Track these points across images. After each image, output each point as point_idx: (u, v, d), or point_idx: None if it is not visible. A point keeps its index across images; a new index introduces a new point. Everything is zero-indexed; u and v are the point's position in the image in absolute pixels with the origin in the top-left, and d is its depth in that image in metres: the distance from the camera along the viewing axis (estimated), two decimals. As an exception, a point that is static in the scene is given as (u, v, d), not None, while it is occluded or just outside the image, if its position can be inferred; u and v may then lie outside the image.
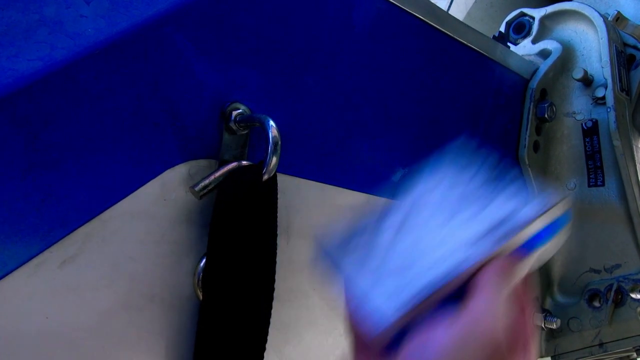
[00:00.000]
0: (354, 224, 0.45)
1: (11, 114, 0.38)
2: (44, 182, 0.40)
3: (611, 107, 0.89)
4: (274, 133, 0.49)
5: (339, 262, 0.43)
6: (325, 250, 0.44)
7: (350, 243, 0.44)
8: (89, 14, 0.43)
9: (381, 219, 0.45)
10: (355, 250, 0.43)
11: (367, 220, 0.45)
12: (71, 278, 0.43)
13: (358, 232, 0.44)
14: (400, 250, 0.42)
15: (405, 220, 0.44)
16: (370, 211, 0.45)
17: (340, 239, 0.45)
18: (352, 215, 0.45)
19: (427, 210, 0.44)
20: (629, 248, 0.90)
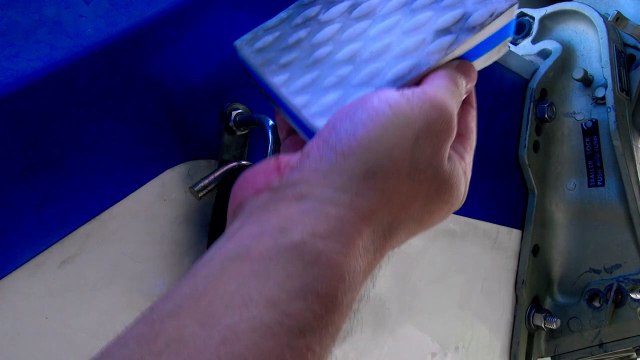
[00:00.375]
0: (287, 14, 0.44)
1: (11, 114, 0.38)
2: (44, 182, 0.40)
3: (611, 107, 0.89)
4: (274, 133, 0.49)
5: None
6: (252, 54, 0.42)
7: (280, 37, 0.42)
8: (88, 14, 0.43)
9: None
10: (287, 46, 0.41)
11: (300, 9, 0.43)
12: (71, 278, 0.43)
13: (289, 24, 0.43)
14: (341, 51, 0.40)
15: (346, 15, 0.42)
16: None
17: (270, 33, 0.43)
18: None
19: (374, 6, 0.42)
20: (629, 248, 0.90)
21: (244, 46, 0.42)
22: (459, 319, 0.82)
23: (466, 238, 0.82)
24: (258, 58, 0.41)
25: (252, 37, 0.43)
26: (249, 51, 0.42)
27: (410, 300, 0.73)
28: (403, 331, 0.72)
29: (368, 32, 0.40)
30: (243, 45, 0.42)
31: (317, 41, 0.40)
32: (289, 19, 0.43)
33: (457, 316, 0.82)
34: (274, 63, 0.40)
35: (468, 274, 0.83)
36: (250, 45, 0.42)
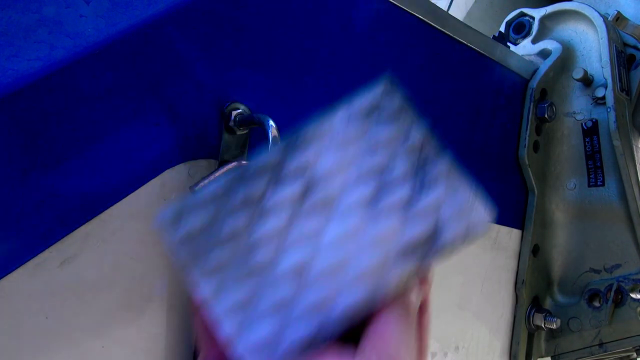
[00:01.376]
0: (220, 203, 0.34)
1: (11, 114, 0.38)
2: (44, 182, 0.40)
3: (611, 107, 0.89)
4: (274, 133, 0.49)
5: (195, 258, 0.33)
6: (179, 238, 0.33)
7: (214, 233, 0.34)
8: (88, 13, 0.43)
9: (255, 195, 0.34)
10: (220, 243, 0.33)
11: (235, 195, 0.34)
12: (71, 278, 0.43)
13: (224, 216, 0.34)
14: (284, 260, 0.33)
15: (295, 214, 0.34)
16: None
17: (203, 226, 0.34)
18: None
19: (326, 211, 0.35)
20: (629, 248, 0.90)
21: (167, 228, 0.34)
22: (459, 319, 0.82)
23: (466, 238, 0.81)
24: (183, 250, 0.33)
25: (176, 216, 0.34)
26: (172, 237, 0.33)
27: (410, 300, 0.73)
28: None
29: (321, 235, 0.33)
30: (166, 225, 0.34)
31: (257, 239, 0.33)
32: (226, 195, 0.34)
33: (457, 316, 0.82)
34: (201, 266, 0.32)
35: (468, 274, 0.83)
36: (174, 227, 0.33)
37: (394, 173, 0.35)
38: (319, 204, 0.34)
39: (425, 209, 0.34)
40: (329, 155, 0.35)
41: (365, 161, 0.35)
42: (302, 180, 0.34)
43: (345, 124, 0.36)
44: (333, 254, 0.33)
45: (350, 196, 0.34)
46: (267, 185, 0.34)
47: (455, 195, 0.34)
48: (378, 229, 0.33)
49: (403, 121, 0.37)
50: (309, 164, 0.35)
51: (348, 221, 0.33)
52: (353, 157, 0.35)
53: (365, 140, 0.36)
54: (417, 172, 0.35)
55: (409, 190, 0.34)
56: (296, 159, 0.35)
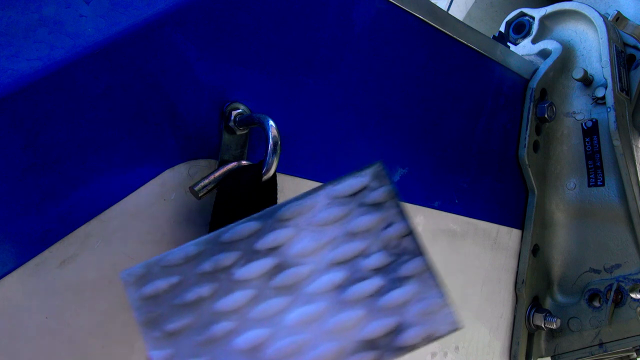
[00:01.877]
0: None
1: (11, 114, 0.38)
2: (44, 182, 0.40)
3: (611, 107, 0.89)
4: (274, 133, 0.49)
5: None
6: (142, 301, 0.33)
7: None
8: (88, 14, 0.43)
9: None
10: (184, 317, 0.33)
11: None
12: (71, 278, 0.43)
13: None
14: (243, 335, 0.32)
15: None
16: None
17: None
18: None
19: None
20: (629, 248, 0.90)
21: (132, 284, 0.33)
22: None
23: (466, 238, 0.82)
24: (144, 310, 0.33)
25: (144, 273, 0.34)
26: (135, 294, 0.33)
27: (410, 300, 0.73)
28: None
29: (284, 315, 0.33)
30: (131, 282, 0.33)
31: (220, 309, 0.32)
32: (196, 260, 0.34)
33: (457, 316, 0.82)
34: (160, 327, 0.32)
35: (468, 274, 0.83)
36: (139, 285, 0.33)
37: (367, 263, 0.35)
38: (287, 285, 0.34)
39: (392, 305, 0.34)
40: (304, 236, 0.35)
41: (341, 247, 0.35)
42: (274, 259, 0.35)
43: (326, 205, 0.36)
44: (292, 336, 0.33)
45: (319, 281, 0.34)
46: (238, 258, 0.34)
47: (426, 295, 0.34)
48: (340, 317, 0.33)
49: (387, 210, 0.36)
50: (283, 242, 0.35)
51: (312, 306, 0.33)
52: (329, 241, 0.35)
53: (344, 225, 0.36)
54: (391, 265, 0.35)
55: (379, 283, 0.34)
56: (271, 236, 0.35)
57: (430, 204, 0.75)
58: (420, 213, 0.73)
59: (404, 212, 0.36)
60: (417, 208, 0.73)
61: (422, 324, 0.33)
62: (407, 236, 0.35)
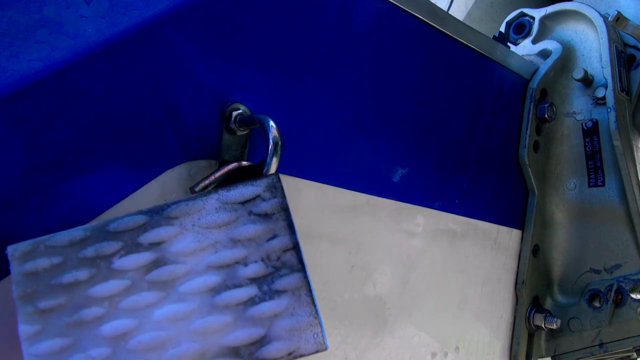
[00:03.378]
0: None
1: (11, 114, 0.38)
2: (44, 182, 0.40)
3: (611, 107, 0.89)
4: (274, 133, 0.49)
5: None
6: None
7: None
8: (89, 14, 0.43)
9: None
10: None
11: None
12: (71, 278, 0.43)
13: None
14: (111, 323, 0.33)
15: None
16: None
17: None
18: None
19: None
20: (629, 248, 0.90)
21: (16, 259, 0.35)
22: (459, 319, 0.82)
23: (466, 238, 0.82)
24: (21, 285, 0.34)
25: (29, 250, 0.35)
26: (17, 268, 0.34)
27: (410, 300, 0.73)
28: (403, 331, 0.72)
29: (153, 310, 0.34)
30: (15, 256, 0.35)
31: (94, 294, 0.34)
32: (80, 244, 0.35)
33: (457, 316, 0.82)
34: (34, 303, 0.33)
35: (468, 274, 0.83)
36: (22, 260, 0.34)
37: (244, 271, 0.35)
38: (161, 281, 0.35)
39: (261, 316, 0.34)
40: (187, 236, 0.36)
41: (221, 252, 0.36)
42: (153, 254, 0.35)
43: (215, 209, 0.37)
44: (157, 331, 0.33)
45: (193, 282, 0.35)
46: (120, 248, 0.35)
47: (298, 311, 0.34)
48: (208, 320, 0.34)
49: (275, 222, 0.37)
50: (165, 239, 0.36)
51: (182, 304, 0.34)
52: (210, 244, 0.36)
53: (229, 230, 0.36)
54: (268, 277, 0.35)
55: (252, 292, 0.35)
56: (155, 231, 0.36)
57: (430, 204, 0.75)
58: (421, 213, 0.73)
59: (292, 226, 0.37)
60: (417, 208, 0.73)
61: (288, 339, 0.33)
62: (290, 250, 0.36)
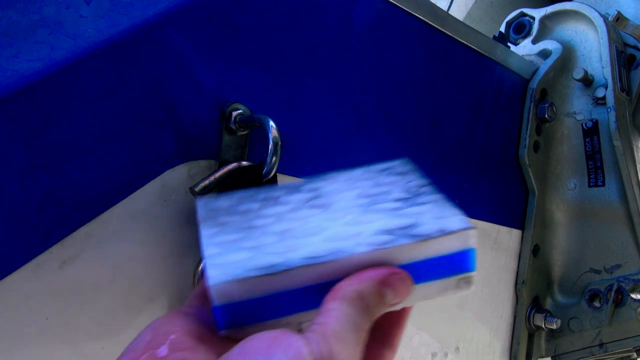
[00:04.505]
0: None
1: (11, 114, 0.38)
2: (44, 182, 0.40)
3: (611, 107, 0.89)
4: (274, 133, 0.49)
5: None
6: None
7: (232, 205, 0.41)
8: (88, 14, 0.43)
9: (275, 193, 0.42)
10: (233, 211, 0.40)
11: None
12: (71, 278, 0.43)
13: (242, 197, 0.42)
14: (277, 224, 0.38)
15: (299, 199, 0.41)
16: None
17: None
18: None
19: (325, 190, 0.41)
20: (629, 248, 0.90)
21: (203, 203, 0.42)
22: (459, 319, 0.82)
23: (466, 238, 0.81)
24: (205, 213, 0.40)
25: (214, 198, 0.42)
26: (203, 207, 0.41)
27: (410, 300, 0.73)
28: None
29: (313, 217, 0.37)
30: (203, 201, 0.42)
31: (263, 214, 0.39)
32: (254, 195, 0.42)
33: (457, 316, 0.82)
34: (214, 219, 0.39)
35: (468, 274, 0.83)
36: (208, 203, 0.42)
37: (389, 196, 0.39)
38: (319, 204, 0.40)
39: (409, 212, 0.36)
40: (339, 182, 0.42)
41: (368, 189, 0.41)
42: (312, 193, 0.41)
43: (361, 174, 0.43)
44: (317, 224, 0.37)
45: (346, 202, 0.39)
46: (285, 193, 0.42)
47: (441, 208, 0.36)
48: (362, 216, 0.37)
49: (410, 175, 0.42)
50: (321, 186, 0.42)
51: (340, 211, 0.38)
52: (359, 187, 0.41)
53: (373, 180, 0.42)
54: (410, 198, 0.38)
55: (399, 204, 0.38)
56: (312, 184, 0.43)
57: (430, 204, 0.75)
58: (421, 213, 0.73)
59: (426, 178, 0.41)
60: (417, 208, 0.72)
61: (435, 223, 0.35)
62: (427, 186, 0.40)
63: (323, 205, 0.39)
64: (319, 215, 0.38)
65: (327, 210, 0.38)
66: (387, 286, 0.33)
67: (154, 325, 0.33)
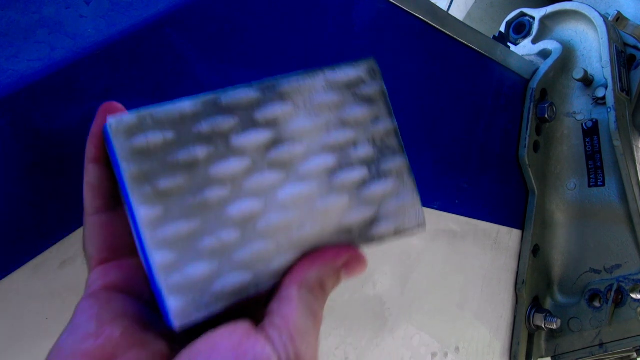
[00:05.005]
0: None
1: (11, 115, 0.38)
2: (44, 182, 0.40)
3: (611, 107, 0.89)
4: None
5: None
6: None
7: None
8: (88, 14, 0.43)
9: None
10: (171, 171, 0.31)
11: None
12: (71, 278, 0.43)
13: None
14: (236, 204, 0.31)
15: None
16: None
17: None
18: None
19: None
20: (629, 248, 0.90)
21: (121, 133, 0.30)
22: (459, 319, 0.82)
23: (466, 238, 0.82)
24: (132, 163, 0.30)
25: (136, 124, 0.31)
26: (123, 145, 0.30)
27: (410, 300, 0.73)
28: (403, 331, 0.72)
29: (277, 190, 0.32)
30: (120, 130, 0.30)
31: (215, 175, 0.31)
32: (193, 118, 0.32)
33: (457, 316, 0.82)
34: (151, 183, 0.30)
35: (468, 274, 0.83)
36: (129, 135, 0.30)
37: (355, 153, 0.35)
38: (281, 161, 0.33)
39: (373, 197, 0.35)
40: (301, 116, 0.35)
41: (334, 133, 0.35)
42: (271, 132, 0.34)
43: (324, 89, 0.36)
44: (283, 212, 0.32)
45: (311, 162, 0.34)
46: (236, 125, 0.33)
47: (402, 191, 0.36)
48: (328, 202, 0.34)
49: (377, 106, 0.37)
50: (281, 117, 0.34)
51: (304, 185, 0.33)
52: (323, 124, 0.35)
53: (338, 112, 0.35)
54: (375, 159, 0.35)
55: (364, 173, 0.35)
56: (270, 108, 0.34)
57: (430, 204, 0.75)
58: (421, 213, 0.73)
59: (391, 111, 0.37)
60: (417, 208, 0.73)
61: (394, 218, 0.34)
62: (392, 134, 0.36)
63: (285, 165, 0.33)
64: (282, 189, 0.33)
65: (291, 177, 0.33)
66: (345, 268, 0.33)
67: (85, 316, 0.30)
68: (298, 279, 0.31)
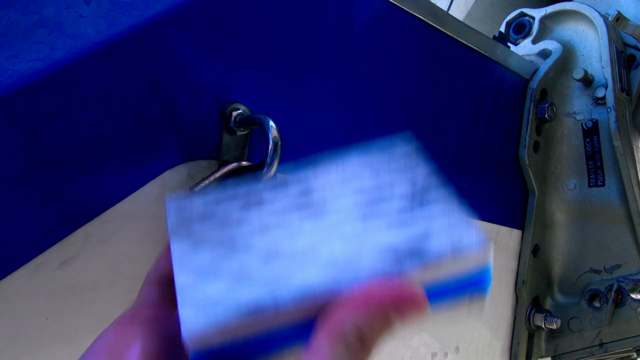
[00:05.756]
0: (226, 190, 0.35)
1: (11, 114, 0.38)
2: (44, 182, 0.40)
3: (611, 107, 0.89)
4: (274, 134, 0.49)
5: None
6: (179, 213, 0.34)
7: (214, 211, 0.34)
8: (88, 14, 0.43)
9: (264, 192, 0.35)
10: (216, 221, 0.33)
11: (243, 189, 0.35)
12: (71, 278, 0.43)
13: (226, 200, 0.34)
14: (266, 238, 0.31)
15: (292, 203, 0.34)
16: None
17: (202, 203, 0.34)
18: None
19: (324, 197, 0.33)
20: (629, 248, 0.90)
21: (174, 206, 0.35)
22: (459, 319, 0.82)
23: (466, 238, 0.81)
24: (176, 220, 0.34)
25: (187, 198, 0.36)
26: (174, 212, 0.34)
27: (410, 300, 0.73)
28: (403, 331, 0.72)
29: (303, 227, 0.31)
30: (174, 204, 0.35)
31: (245, 220, 0.33)
32: (234, 192, 0.36)
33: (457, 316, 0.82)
34: (187, 228, 0.33)
35: (468, 274, 0.83)
36: (179, 206, 0.35)
37: (392, 190, 0.33)
38: (309, 205, 0.33)
39: (416, 217, 0.31)
40: (331, 173, 0.36)
41: (366, 180, 0.34)
42: (301, 188, 0.35)
43: (356, 159, 0.37)
44: (308, 237, 0.30)
45: (341, 201, 0.33)
46: (268, 186, 0.35)
47: (450, 213, 0.31)
48: (362, 225, 0.31)
49: (410, 159, 0.37)
50: (310, 176, 0.36)
51: (332, 216, 0.32)
52: (355, 177, 0.35)
53: (371, 168, 0.36)
54: (415, 195, 0.33)
55: (403, 203, 0.32)
56: (301, 184, 0.35)
57: (430, 204, 0.75)
58: (421, 213, 0.73)
59: (427, 163, 0.36)
60: (417, 208, 0.72)
61: (446, 237, 0.29)
62: (430, 175, 0.35)
63: (314, 207, 0.33)
64: (310, 224, 0.31)
65: (319, 216, 0.32)
66: (396, 313, 0.25)
67: (105, 344, 0.28)
68: (331, 326, 0.24)
